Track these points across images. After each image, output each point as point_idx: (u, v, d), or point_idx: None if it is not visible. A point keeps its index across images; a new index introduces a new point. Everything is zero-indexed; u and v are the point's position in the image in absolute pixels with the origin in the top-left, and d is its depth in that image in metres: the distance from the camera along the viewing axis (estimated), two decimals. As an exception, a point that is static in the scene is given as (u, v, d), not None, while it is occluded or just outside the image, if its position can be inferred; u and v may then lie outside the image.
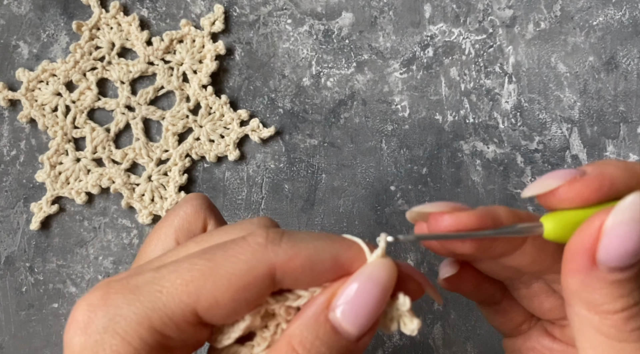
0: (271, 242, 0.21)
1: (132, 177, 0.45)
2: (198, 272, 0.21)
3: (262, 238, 0.21)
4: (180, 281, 0.20)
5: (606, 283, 0.21)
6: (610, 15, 0.45)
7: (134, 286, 0.21)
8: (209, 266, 0.21)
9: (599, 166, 0.22)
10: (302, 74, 0.45)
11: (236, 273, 0.20)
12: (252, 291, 0.21)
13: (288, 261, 0.21)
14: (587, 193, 0.21)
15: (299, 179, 0.45)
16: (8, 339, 0.44)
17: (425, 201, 0.44)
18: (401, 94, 0.45)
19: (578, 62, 0.45)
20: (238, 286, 0.20)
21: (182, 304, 0.20)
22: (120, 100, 0.45)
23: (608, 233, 0.20)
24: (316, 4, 0.45)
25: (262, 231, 0.21)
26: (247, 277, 0.20)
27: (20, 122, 0.45)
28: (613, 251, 0.20)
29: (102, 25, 0.45)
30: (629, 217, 0.20)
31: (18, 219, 0.45)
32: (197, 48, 0.45)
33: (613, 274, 0.20)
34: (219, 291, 0.20)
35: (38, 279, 0.44)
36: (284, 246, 0.21)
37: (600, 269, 0.20)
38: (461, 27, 0.45)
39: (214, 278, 0.20)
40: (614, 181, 0.21)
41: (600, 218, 0.20)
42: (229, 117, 0.45)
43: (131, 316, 0.20)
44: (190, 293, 0.20)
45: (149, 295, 0.20)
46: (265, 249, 0.21)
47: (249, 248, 0.21)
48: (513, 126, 0.45)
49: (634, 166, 0.22)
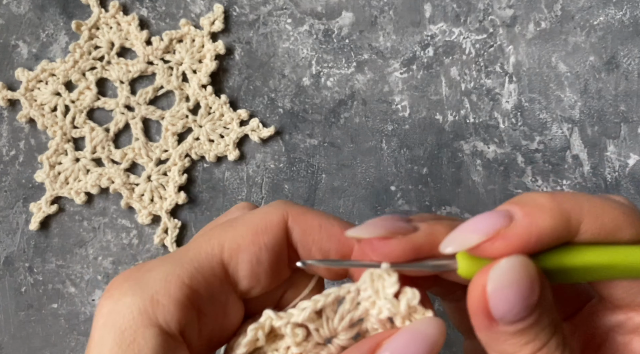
0: (288, 203, 0.23)
1: (131, 177, 0.44)
2: (221, 228, 0.23)
3: (282, 201, 0.23)
4: (205, 238, 0.22)
5: (509, 334, 0.21)
6: (611, 15, 0.45)
7: (167, 257, 0.22)
8: (231, 222, 0.23)
9: (529, 213, 0.20)
10: (302, 73, 0.45)
11: (254, 220, 0.23)
12: (269, 234, 0.22)
13: (301, 213, 0.23)
14: (510, 251, 0.20)
15: (299, 179, 0.45)
16: (7, 340, 0.44)
17: (425, 202, 0.44)
18: (401, 93, 0.45)
19: (579, 62, 0.45)
20: (256, 229, 0.22)
21: (208, 255, 0.22)
22: (119, 100, 0.45)
23: (492, 297, 0.20)
24: (316, 4, 0.45)
25: (282, 200, 0.24)
26: (264, 221, 0.22)
27: (19, 122, 0.45)
28: (502, 310, 0.20)
29: (101, 25, 0.45)
30: (507, 281, 0.20)
31: (17, 219, 0.45)
32: (196, 48, 0.45)
33: (513, 326, 0.20)
34: (240, 235, 0.22)
35: (37, 280, 0.44)
36: (298, 206, 0.23)
37: (500, 324, 0.20)
38: (461, 27, 0.45)
39: (235, 227, 0.22)
40: (541, 237, 0.20)
41: (481, 280, 0.20)
42: (229, 117, 0.45)
43: (161, 275, 0.21)
44: (214, 245, 0.22)
45: (178, 256, 0.22)
46: (283, 203, 0.23)
47: (268, 208, 0.23)
48: (513, 126, 0.45)
49: (568, 210, 0.21)
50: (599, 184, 0.44)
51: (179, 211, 0.45)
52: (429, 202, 0.44)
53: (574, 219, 0.21)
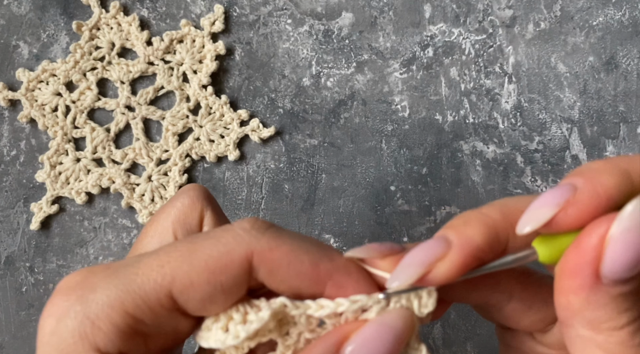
0: (256, 230, 0.21)
1: (132, 177, 0.45)
2: (176, 253, 0.20)
3: (248, 225, 0.21)
4: (157, 262, 0.20)
5: (611, 297, 0.20)
6: (610, 15, 0.45)
7: (113, 270, 0.21)
8: (188, 248, 0.20)
9: (590, 177, 0.20)
10: (302, 74, 0.45)
11: (213, 255, 0.20)
12: (228, 274, 0.20)
13: (267, 250, 0.20)
14: (586, 215, 0.20)
15: (299, 179, 0.45)
16: (8, 339, 0.44)
17: (425, 202, 0.44)
18: (401, 94, 0.45)
19: (578, 62, 0.45)
20: (214, 267, 0.20)
21: (157, 285, 0.20)
22: (120, 100, 0.45)
23: (614, 243, 0.19)
24: (316, 4, 0.45)
25: (251, 220, 0.21)
26: (224, 259, 0.20)
27: (20, 122, 0.45)
28: (620, 261, 0.19)
29: (102, 26, 0.45)
30: (635, 223, 0.19)
31: (18, 219, 0.45)
32: (197, 48, 0.45)
33: (617, 288, 0.19)
34: (195, 271, 0.20)
35: (38, 279, 0.44)
36: (267, 236, 0.21)
37: (605, 283, 0.19)
38: (461, 27, 0.45)
39: (191, 259, 0.20)
40: (610, 194, 0.20)
41: (599, 230, 0.19)
42: (229, 117, 0.45)
43: (104, 299, 0.20)
44: (166, 274, 0.20)
45: (125, 278, 0.20)
46: (248, 234, 0.20)
47: (232, 233, 0.21)
48: (513, 126, 0.45)
49: (626, 167, 0.20)
50: (598, 184, 0.44)
51: (179, 211, 0.45)
52: (428, 202, 0.44)
53: (634, 173, 0.20)
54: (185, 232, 0.25)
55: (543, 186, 0.44)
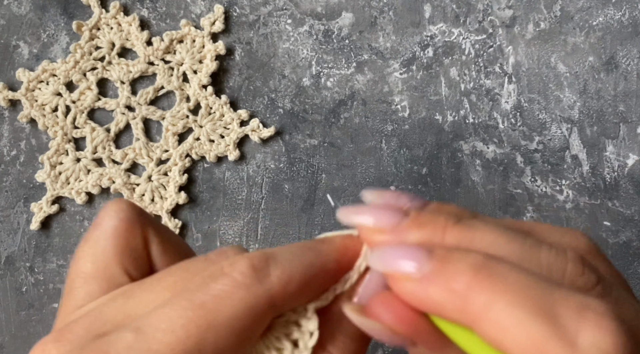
0: (260, 272, 0.19)
1: (132, 177, 0.45)
2: (194, 326, 0.18)
3: (247, 269, 0.19)
4: (176, 340, 0.17)
5: None
6: (610, 15, 0.45)
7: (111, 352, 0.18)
8: (204, 316, 0.18)
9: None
10: (302, 74, 0.45)
11: (236, 316, 0.18)
12: (256, 327, 0.19)
13: (284, 287, 0.19)
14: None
15: (299, 179, 0.45)
16: (8, 339, 0.44)
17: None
18: (401, 94, 0.45)
19: (578, 62, 0.45)
20: (241, 328, 0.18)
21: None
22: (120, 100, 0.45)
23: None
24: (316, 4, 0.45)
25: (243, 261, 0.19)
26: (250, 317, 0.18)
27: (20, 122, 0.45)
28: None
29: (102, 26, 0.45)
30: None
31: (18, 219, 0.45)
32: (197, 48, 0.45)
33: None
34: (222, 339, 0.18)
35: (38, 279, 0.44)
36: (274, 274, 0.19)
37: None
38: (461, 27, 0.45)
39: (215, 328, 0.18)
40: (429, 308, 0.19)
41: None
42: (229, 117, 0.45)
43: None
44: (191, 349, 0.18)
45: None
46: (258, 281, 0.19)
47: (240, 285, 0.18)
48: (513, 126, 0.45)
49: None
50: (597, 184, 0.44)
51: (179, 211, 0.45)
52: (428, 202, 0.44)
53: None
54: (137, 266, 0.21)
55: (543, 186, 0.44)
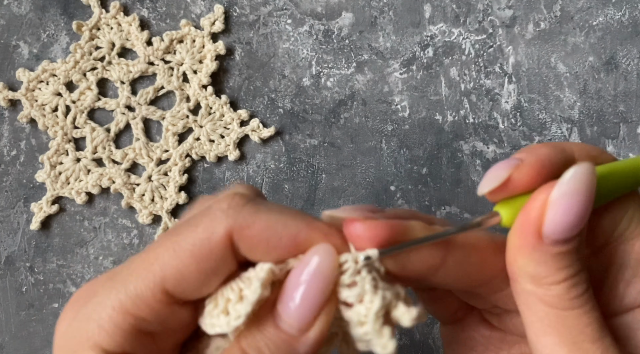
0: (233, 208, 0.21)
1: (132, 177, 0.45)
2: (162, 248, 0.21)
3: (226, 204, 0.21)
4: (147, 261, 0.21)
5: (550, 255, 0.22)
6: (610, 15, 0.45)
7: (111, 275, 0.22)
8: (172, 241, 0.21)
9: (532, 150, 0.23)
10: (302, 74, 0.45)
11: (196, 243, 0.20)
12: (214, 259, 0.21)
13: (245, 227, 0.20)
14: (534, 176, 0.22)
15: (299, 179, 0.45)
16: (8, 339, 0.44)
17: (425, 202, 0.44)
18: (401, 94, 0.45)
19: (578, 62, 0.45)
20: (199, 255, 0.20)
21: (149, 283, 0.21)
22: (120, 100, 0.45)
23: (552, 206, 0.21)
24: (316, 4, 0.45)
25: (229, 196, 0.21)
26: (206, 245, 0.20)
27: (20, 122, 0.45)
28: (558, 223, 0.21)
29: (102, 26, 0.45)
30: (571, 189, 0.21)
31: (18, 219, 0.45)
32: (197, 48, 0.45)
33: (556, 247, 0.22)
34: (183, 263, 0.20)
35: (38, 279, 0.44)
36: (244, 213, 0.21)
37: (545, 242, 0.22)
38: (461, 27, 0.45)
39: (176, 252, 0.20)
40: (551, 159, 0.22)
41: (543, 193, 0.22)
42: (229, 117, 0.45)
43: (106, 301, 0.21)
44: (156, 271, 0.21)
45: (121, 279, 0.21)
46: (225, 214, 0.20)
47: (210, 216, 0.21)
48: (513, 126, 0.45)
49: (562, 145, 0.23)
50: (598, 184, 0.44)
51: (179, 210, 0.45)
52: (428, 202, 0.45)
53: (568, 148, 0.23)
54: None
55: (543, 186, 0.44)
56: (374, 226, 0.21)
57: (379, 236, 0.21)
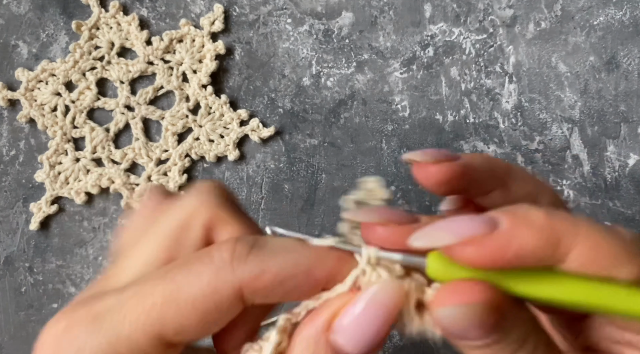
0: (237, 259, 0.19)
1: (131, 177, 0.45)
2: (159, 297, 0.19)
3: (228, 253, 0.19)
4: (142, 308, 0.19)
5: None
6: (611, 15, 0.45)
7: (97, 314, 0.20)
8: (171, 289, 0.19)
9: (512, 230, 0.19)
10: (302, 73, 0.45)
11: (199, 296, 0.19)
12: (220, 313, 0.20)
13: (255, 279, 0.19)
14: (481, 259, 0.19)
15: (299, 179, 0.45)
16: (7, 340, 0.44)
17: (425, 202, 0.44)
18: (401, 93, 0.45)
19: (579, 62, 0.45)
20: (203, 309, 0.19)
21: (147, 332, 0.19)
22: (119, 100, 0.45)
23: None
24: (316, 4, 0.45)
25: (229, 245, 0.20)
26: (212, 299, 0.19)
27: (19, 122, 0.45)
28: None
29: (101, 25, 0.45)
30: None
31: (17, 219, 0.45)
32: (196, 48, 0.45)
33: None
34: (184, 316, 0.19)
35: (37, 280, 0.44)
36: (250, 263, 0.19)
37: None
38: (461, 27, 0.45)
39: (177, 303, 0.19)
40: (520, 253, 0.19)
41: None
42: (229, 117, 0.45)
43: (96, 347, 0.19)
44: (154, 320, 0.19)
45: (112, 325, 0.20)
46: (230, 267, 0.19)
47: (213, 267, 0.19)
48: (513, 126, 0.45)
49: (560, 234, 0.19)
50: (598, 184, 0.44)
51: (179, 211, 0.45)
52: (428, 202, 0.44)
53: (564, 245, 0.18)
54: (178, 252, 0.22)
55: (543, 186, 0.44)
56: (396, 231, 0.20)
57: (400, 240, 0.20)
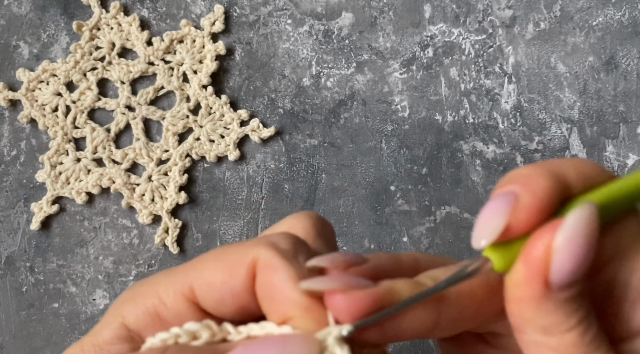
0: (281, 247, 0.21)
1: (132, 177, 0.45)
2: (189, 265, 0.22)
3: (284, 240, 0.22)
4: (174, 277, 0.22)
5: (559, 303, 0.20)
6: (610, 15, 0.45)
7: (137, 291, 0.22)
8: (201, 259, 0.22)
9: (526, 183, 0.21)
10: (302, 74, 0.45)
11: (230, 255, 0.21)
12: (238, 278, 0.21)
13: (267, 267, 0.21)
14: (534, 219, 0.20)
15: (299, 179, 0.45)
16: (8, 339, 0.44)
17: (425, 202, 0.44)
18: (401, 94, 0.45)
19: (578, 62, 0.45)
20: (229, 267, 0.21)
21: (177, 288, 0.21)
22: (120, 100, 0.45)
23: (558, 253, 0.20)
24: (316, 4, 0.45)
25: (291, 238, 0.22)
26: (233, 258, 0.21)
27: (20, 122, 0.45)
28: (566, 270, 0.20)
29: (102, 26, 0.45)
30: (576, 233, 0.20)
31: (18, 219, 0.45)
32: (197, 48, 0.45)
33: (565, 292, 0.20)
34: (207, 268, 0.21)
35: (38, 279, 0.44)
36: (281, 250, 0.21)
37: (553, 290, 0.20)
38: (461, 28, 0.45)
39: (215, 264, 0.21)
40: (549, 195, 0.21)
41: (544, 240, 0.20)
42: (229, 117, 0.45)
43: (168, 283, 0.22)
44: (184, 280, 0.21)
45: (150, 285, 0.22)
46: (269, 245, 0.21)
47: (262, 241, 0.22)
48: (513, 126, 0.45)
49: (556, 171, 0.21)
50: (598, 184, 0.44)
51: (179, 210, 0.45)
52: (428, 202, 0.45)
53: (561, 174, 0.21)
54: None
55: (543, 186, 0.44)
56: (357, 299, 0.20)
57: (363, 308, 0.20)
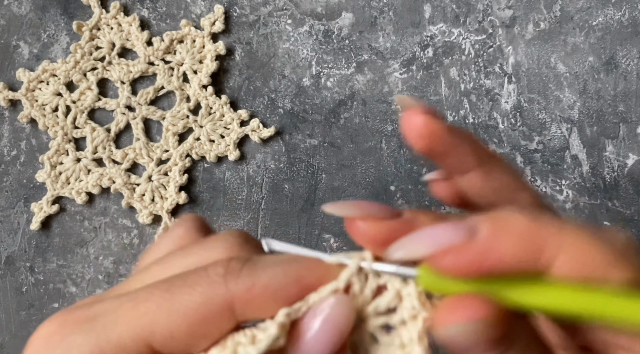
0: (230, 273, 0.20)
1: (132, 177, 0.45)
2: (153, 303, 0.20)
3: (222, 268, 0.20)
4: (135, 312, 0.20)
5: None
6: (610, 15, 0.45)
7: (92, 314, 0.20)
8: (165, 298, 0.20)
9: (491, 238, 0.19)
10: (302, 74, 0.45)
11: (191, 307, 0.20)
12: (210, 325, 0.20)
13: (246, 292, 0.20)
14: (460, 268, 0.19)
15: (299, 179, 0.45)
16: (8, 339, 0.44)
17: (425, 202, 0.44)
18: (401, 94, 0.45)
19: (578, 63, 0.45)
20: (194, 320, 0.20)
21: (136, 336, 0.20)
22: (120, 100, 0.45)
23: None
24: (316, 4, 0.45)
25: (224, 261, 0.20)
26: (203, 311, 0.20)
27: (20, 123, 0.45)
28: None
29: (102, 26, 0.45)
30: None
31: (18, 219, 0.45)
32: (197, 48, 0.45)
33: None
34: (174, 324, 0.20)
35: (38, 279, 0.45)
36: (242, 277, 0.20)
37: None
38: (461, 28, 0.45)
39: (169, 311, 0.20)
40: (499, 262, 0.19)
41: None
42: (229, 117, 0.45)
43: (84, 347, 0.20)
44: (145, 325, 0.20)
45: (104, 325, 0.20)
46: (223, 280, 0.20)
47: (207, 280, 0.20)
48: (513, 126, 0.45)
49: (544, 238, 0.18)
50: (597, 184, 0.44)
51: (179, 210, 0.45)
52: (428, 202, 0.45)
53: (549, 251, 0.18)
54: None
55: (543, 186, 0.44)
56: (376, 227, 0.20)
57: (383, 236, 0.20)
